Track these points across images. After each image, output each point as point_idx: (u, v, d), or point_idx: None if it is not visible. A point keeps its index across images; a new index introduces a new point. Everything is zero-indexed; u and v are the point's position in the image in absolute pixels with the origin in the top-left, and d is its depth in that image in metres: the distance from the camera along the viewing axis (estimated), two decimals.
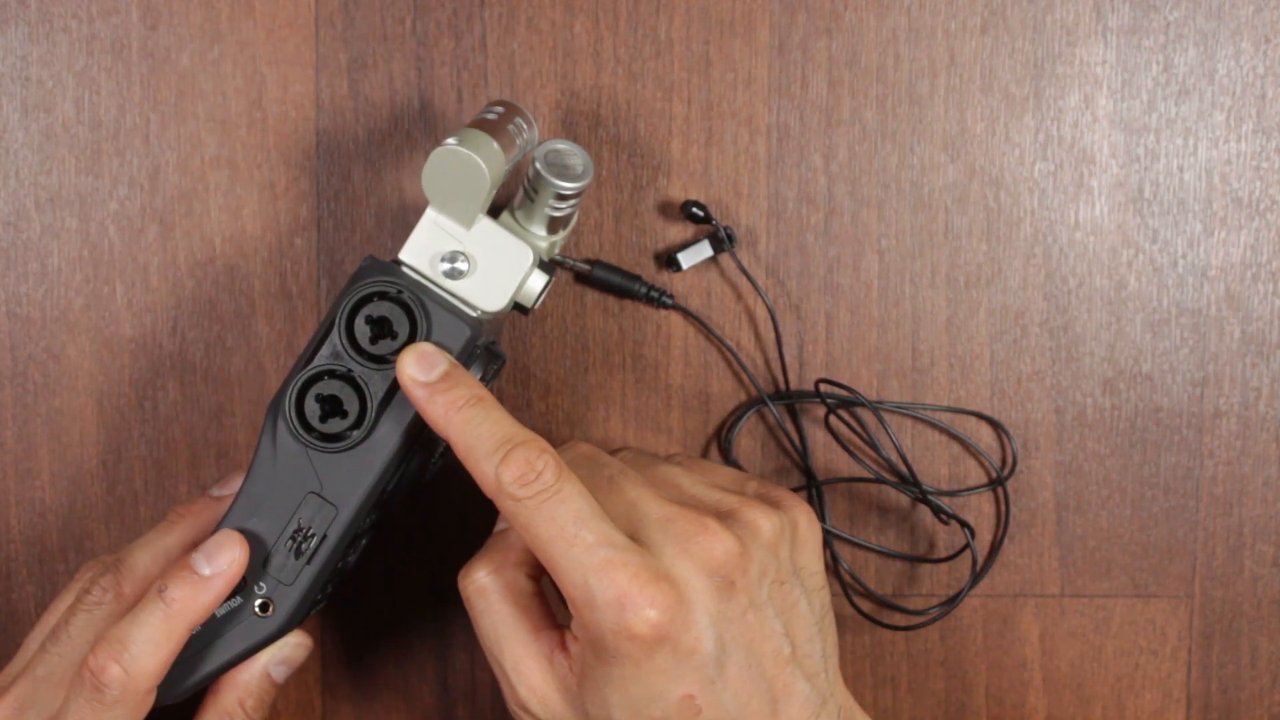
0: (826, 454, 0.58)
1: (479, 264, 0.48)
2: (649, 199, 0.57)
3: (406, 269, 0.47)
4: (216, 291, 0.56)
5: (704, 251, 0.56)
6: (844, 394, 0.57)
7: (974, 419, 0.58)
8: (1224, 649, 0.59)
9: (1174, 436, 0.58)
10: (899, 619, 0.59)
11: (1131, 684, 0.59)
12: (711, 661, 0.44)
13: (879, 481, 0.58)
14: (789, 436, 0.58)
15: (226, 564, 0.46)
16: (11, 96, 0.55)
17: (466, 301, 0.48)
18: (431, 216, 0.48)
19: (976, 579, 0.58)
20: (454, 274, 0.47)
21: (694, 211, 0.56)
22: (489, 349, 0.49)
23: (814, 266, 0.57)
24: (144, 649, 0.45)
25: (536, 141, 0.51)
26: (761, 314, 0.57)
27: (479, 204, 0.47)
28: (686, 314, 0.57)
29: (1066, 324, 0.58)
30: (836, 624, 0.57)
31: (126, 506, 0.57)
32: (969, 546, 0.57)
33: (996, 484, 0.58)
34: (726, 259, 0.57)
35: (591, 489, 0.45)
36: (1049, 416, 0.58)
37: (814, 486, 0.58)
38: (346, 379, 0.47)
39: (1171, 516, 0.59)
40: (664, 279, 0.57)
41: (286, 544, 0.47)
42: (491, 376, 0.49)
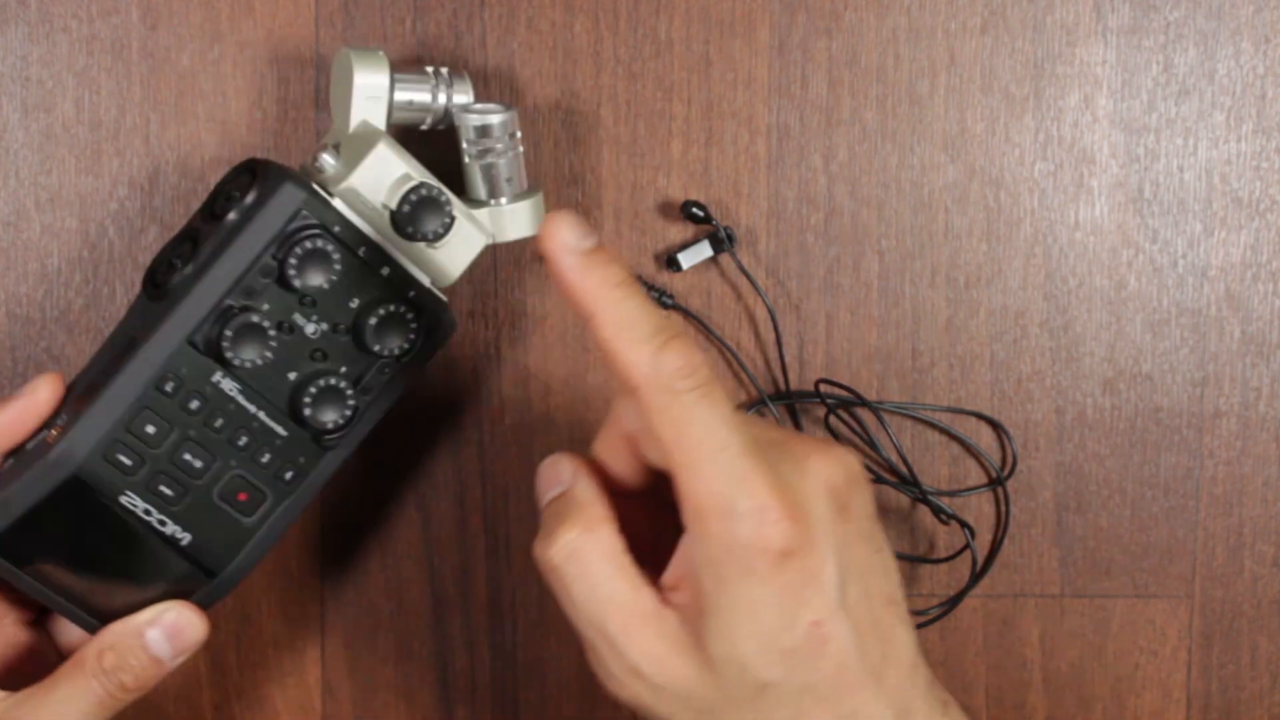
0: None
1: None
2: (649, 199, 0.57)
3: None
4: None
5: (704, 251, 0.56)
6: (844, 394, 0.57)
7: (974, 419, 0.58)
8: (1224, 649, 0.59)
9: (1174, 436, 0.58)
10: None
11: (1131, 684, 0.59)
12: (835, 585, 0.42)
13: (879, 481, 0.58)
14: None
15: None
16: (11, 96, 0.55)
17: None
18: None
19: (976, 579, 0.58)
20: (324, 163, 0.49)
21: (694, 211, 0.56)
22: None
23: (814, 266, 0.57)
24: None
25: (468, 100, 0.52)
26: (761, 314, 0.57)
27: (348, 102, 0.49)
28: (686, 314, 0.57)
29: (1066, 324, 0.58)
30: None
31: None
32: (969, 546, 0.57)
33: (996, 484, 0.58)
34: (726, 259, 0.57)
35: None
36: (1049, 416, 0.58)
37: None
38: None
39: (1171, 516, 0.59)
40: (664, 279, 0.57)
41: (86, 381, 0.48)
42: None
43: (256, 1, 0.55)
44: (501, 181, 0.51)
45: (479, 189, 0.52)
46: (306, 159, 0.49)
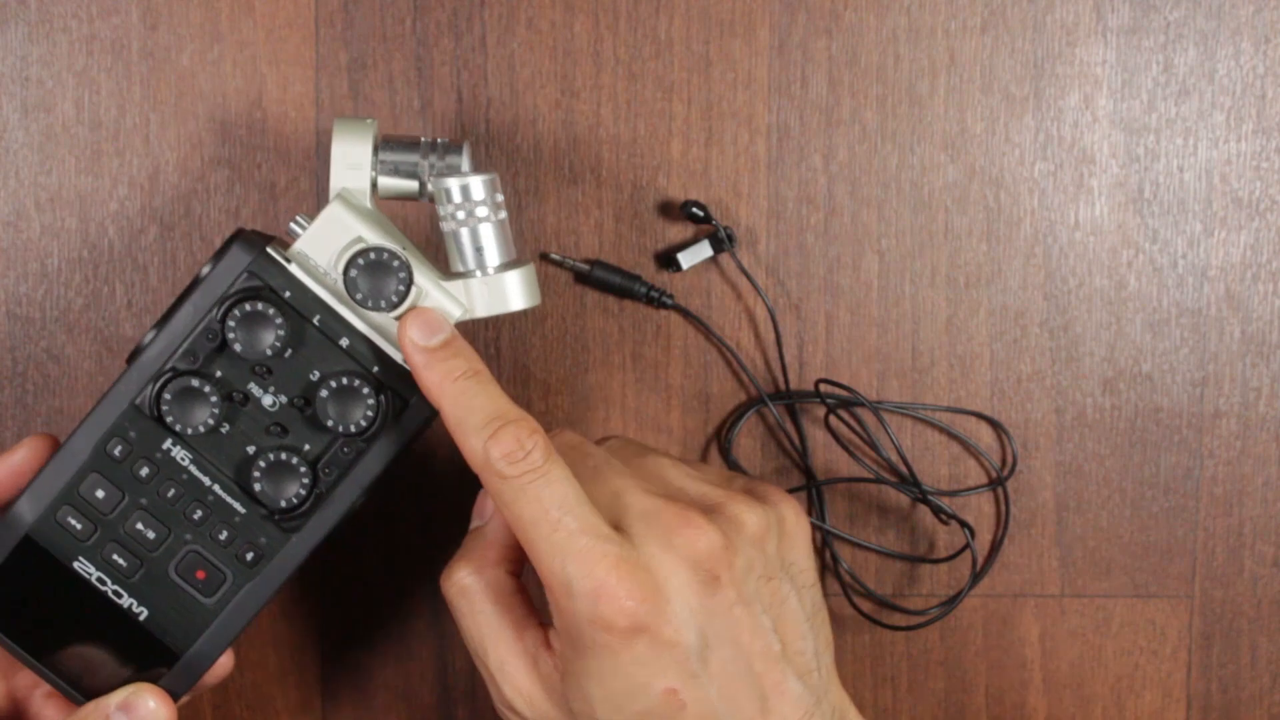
0: (826, 454, 0.58)
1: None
2: (649, 199, 0.57)
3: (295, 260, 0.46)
4: None
5: (704, 251, 0.56)
6: (844, 394, 0.57)
7: (974, 419, 0.58)
8: (1224, 649, 0.59)
9: (1174, 436, 0.58)
10: (899, 619, 0.59)
11: (1131, 684, 0.59)
12: (694, 655, 0.44)
13: (879, 481, 0.58)
14: (789, 437, 0.58)
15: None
16: (11, 96, 0.55)
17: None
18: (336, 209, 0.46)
19: (976, 579, 0.58)
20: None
21: (694, 211, 0.56)
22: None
23: (814, 266, 0.57)
24: None
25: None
26: (761, 314, 0.57)
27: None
28: (686, 314, 0.57)
29: (1066, 324, 0.58)
30: (836, 624, 0.57)
31: None
32: (969, 546, 0.57)
33: (996, 484, 0.58)
34: (726, 259, 0.57)
35: (576, 477, 0.45)
36: (1049, 416, 0.58)
37: (814, 486, 0.58)
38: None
39: (1171, 516, 0.59)
40: (664, 279, 0.57)
41: None
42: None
43: (256, 1, 0.55)
44: (470, 251, 0.47)
45: (453, 258, 0.47)
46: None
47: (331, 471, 0.47)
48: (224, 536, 0.47)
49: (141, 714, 0.46)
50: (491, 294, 0.47)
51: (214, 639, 0.47)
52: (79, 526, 0.46)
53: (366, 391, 0.46)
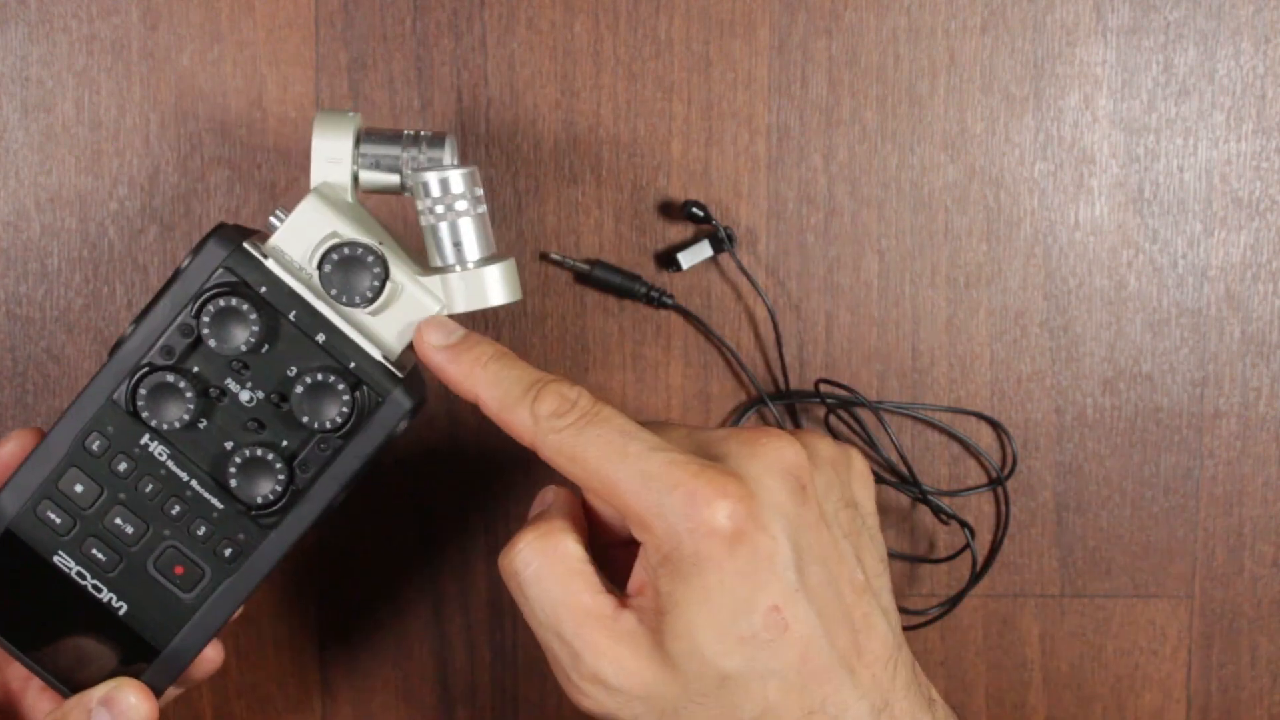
0: None
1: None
2: (649, 199, 0.57)
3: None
4: None
5: (704, 251, 0.56)
6: (844, 394, 0.57)
7: (974, 419, 0.58)
8: (1224, 649, 0.59)
9: (1174, 436, 0.58)
10: None
11: (1131, 684, 0.59)
12: (791, 566, 0.41)
13: (879, 481, 0.58)
14: None
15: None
16: (11, 96, 0.55)
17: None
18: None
19: (976, 579, 0.58)
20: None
21: (694, 211, 0.56)
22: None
23: (814, 266, 0.57)
24: None
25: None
26: (761, 314, 0.57)
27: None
28: (686, 314, 0.57)
29: (1066, 324, 0.58)
30: None
31: None
32: (969, 546, 0.57)
33: (996, 484, 0.58)
34: (726, 259, 0.57)
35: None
36: (1049, 416, 0.58)
37: None
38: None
39: (1171, 516, 0.59)
40: (664, 279, 0.57)
41: None
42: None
43: (256, 1, 0.55)
44: (449, 245, 0.46)
45: (432, 252, 0.47)
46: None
47: (308, 468, 0.46)
48: (202, 532, 0.47)
49: (122, 708, 0.46)
50: (470, 289, 0.46)
51: (193, 634, 0.47)
52: (58, 521, 0.46)
53: (341, 388, 0.45)
